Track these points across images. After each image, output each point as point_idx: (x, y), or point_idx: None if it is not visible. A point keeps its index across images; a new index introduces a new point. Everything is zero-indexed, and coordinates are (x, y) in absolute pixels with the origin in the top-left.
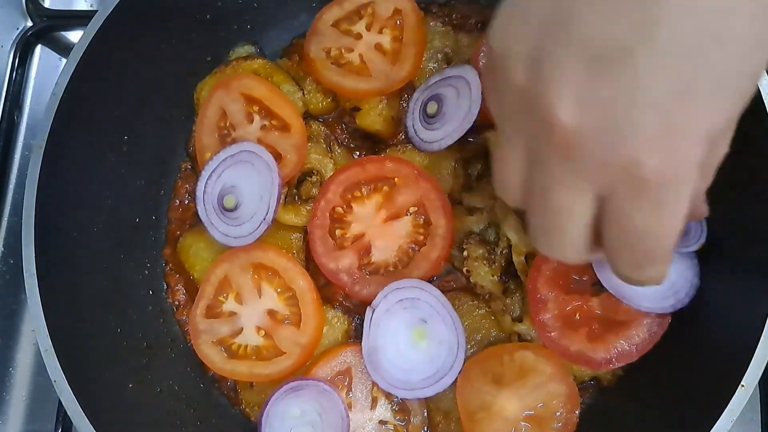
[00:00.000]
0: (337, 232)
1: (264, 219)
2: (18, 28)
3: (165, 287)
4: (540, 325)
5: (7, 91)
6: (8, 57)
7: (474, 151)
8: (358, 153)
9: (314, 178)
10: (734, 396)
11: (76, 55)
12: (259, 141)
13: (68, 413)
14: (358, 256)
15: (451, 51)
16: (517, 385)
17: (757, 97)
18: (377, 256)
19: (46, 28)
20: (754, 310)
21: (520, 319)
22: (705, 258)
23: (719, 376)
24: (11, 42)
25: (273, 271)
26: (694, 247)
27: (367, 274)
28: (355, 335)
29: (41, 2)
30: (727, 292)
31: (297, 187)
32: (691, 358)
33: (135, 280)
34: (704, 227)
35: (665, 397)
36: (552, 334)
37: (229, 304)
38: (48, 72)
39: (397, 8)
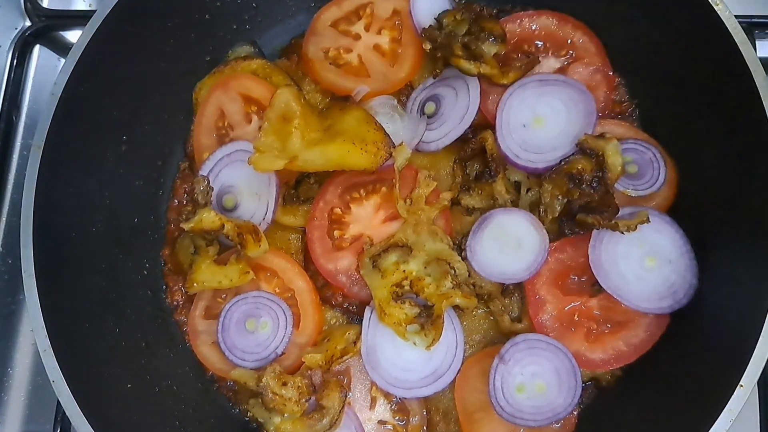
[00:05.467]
0: (336, 233)
1: (263, 219)
2: (16, 28)
3: (164, 287)
4: (538, 325)
5: (5, 91)
6: (7, 57)
7: (472, 151)
8: None
9: (313, 179)
10: (733, 396)
11: (75, 54)
12: None
13: (67, 414)
14: (356, 257)
15: None
16: None
17: (756, 98)
18: None
19: (45, 28)
20: (753, 310)
21: (518, 320)
22: (704, 259)
23: (718, 376)
24: (10, 42)
25: (271, 272)
26: (650, 191)
27: None
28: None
29: (40, 2)
30: (725, 294)
31: (295, 188)
32: (689, 358)
33: (134, 281)
34: (661, 172)
35: (664, 397)
36: (550, 334)
37: None
38: (46, 72)
39: (396, 9)
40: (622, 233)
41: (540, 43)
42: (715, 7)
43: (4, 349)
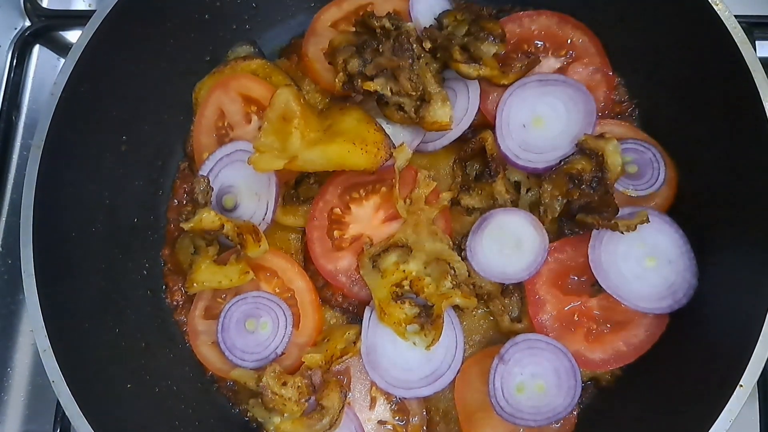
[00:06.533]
0: (336, 233)
1: (263, 219)
2: (16, 28)
3: (164, 287)
4: (538, 325)
5: (5, 91)
6: (6, 57)
7: (472, 151)
8: None
9: (313, 179)
10: (733, 396)
11: (75, 54)
12: None
13: (66, 414)
14: (356, 257)
15: None
16: None
17: (756, 98)
18: None
19: (45, 28)
20: (752, 310)
21: (518, 320)
22: (704, 259)
23: (718, 376)
24: (9, 42)
25: (271, 272)
26: (650, 191)
27: None
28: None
29: (39, 2)
30: (725, 294)
31: (295, 188)
32: (689, 358)
33: (133, 281)
34: (661, 172)
35: (664, 397)
36: (550, 334)
37: None
38: (46, 72)
39: (396, 9)
40: (622, 233)
41: (540, 43)
42: (715, 7)
43: (4, 349)
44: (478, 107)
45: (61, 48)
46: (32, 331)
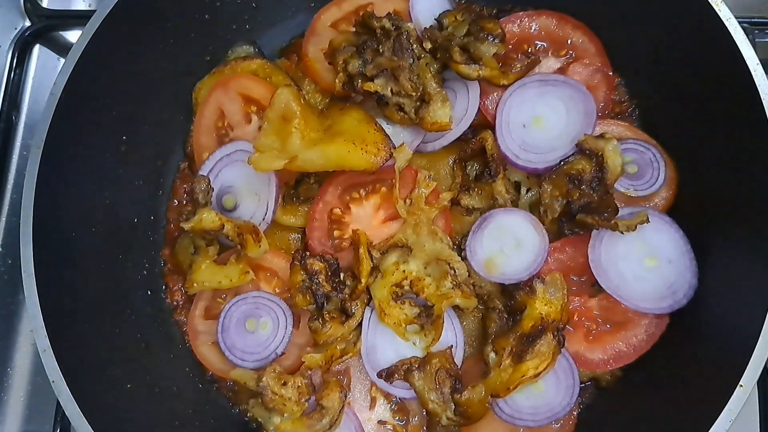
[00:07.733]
0: (336, 233)
1: (263, 219)
2: (16, 28)
3: (164, 287)
4: None
5: (5, 91)
6: (6, 57)
7: (472, 151)
8: None
9: (312, 179)
10: (733, 396)
11: (75, 55)
12: None
13: (66, 414)
14: None
15: None
16: None
17: (756, 98)
18: None
19: (45, 28)
20: (752, 311)
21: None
22: (704, 259)
23: (718, 376)
24: (9, 42)
25: (271, 272)
26: (650, 191)
27: None
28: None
29: (39, 2)
30: (725, 294)
31: (295, 188)
32: (689, 358)
33: (133, 281)
34: (661, 172)
35: (664, 397)
36: None
37: None
38: (46, 72)
39: (396, 9)
40: (622, 233)
41: (540, 43)
42: (715, 8)
43: (4, 349)
44: (478, 107)
45: (61, 48)
46: (32, 331)
